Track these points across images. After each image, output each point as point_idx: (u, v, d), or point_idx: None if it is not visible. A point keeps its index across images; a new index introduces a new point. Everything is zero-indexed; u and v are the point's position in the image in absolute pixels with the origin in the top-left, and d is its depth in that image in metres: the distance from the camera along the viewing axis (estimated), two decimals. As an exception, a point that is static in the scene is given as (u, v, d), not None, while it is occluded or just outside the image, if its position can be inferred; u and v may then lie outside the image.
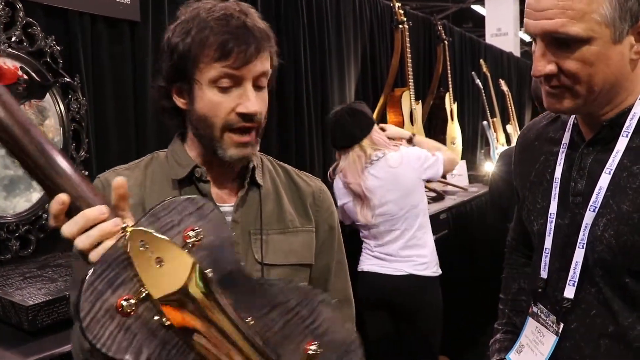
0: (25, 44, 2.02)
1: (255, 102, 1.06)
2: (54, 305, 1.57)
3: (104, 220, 0.80)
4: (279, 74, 3.46)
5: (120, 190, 0.84)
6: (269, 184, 1.20)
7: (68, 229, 0.81)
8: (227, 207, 1.14)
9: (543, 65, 1.01)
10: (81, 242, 0.80)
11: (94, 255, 0.79)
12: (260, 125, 1.11)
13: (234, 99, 1.05)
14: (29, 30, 2.03)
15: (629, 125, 1.06)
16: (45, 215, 2.08)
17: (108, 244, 0.78)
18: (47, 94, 2.09)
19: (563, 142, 1.19)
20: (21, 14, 2.00)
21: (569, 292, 1.11)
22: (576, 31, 0.95)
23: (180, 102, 1.10)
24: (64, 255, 1.94)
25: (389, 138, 2.69)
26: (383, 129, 2.71)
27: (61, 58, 2.13)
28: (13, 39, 1.98)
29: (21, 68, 1.99)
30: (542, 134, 1.27)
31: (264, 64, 1.07)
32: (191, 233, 0.79)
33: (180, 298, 0.76)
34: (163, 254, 0.77)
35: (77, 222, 0.80)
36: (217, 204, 1.11)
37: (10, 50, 1.96)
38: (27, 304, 1.53)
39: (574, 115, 1.19)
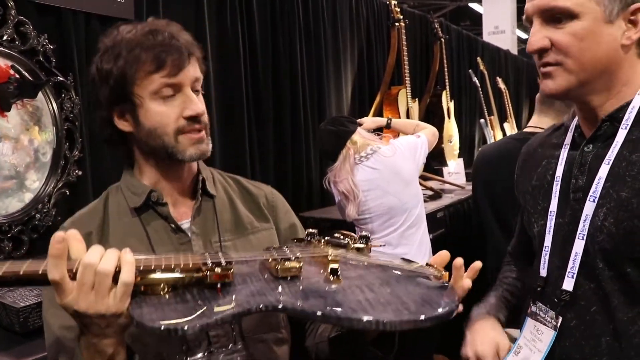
0: (17, 42, 2.00)
1: (198, 103, 1.11)
2: (46, 307, 1.55)
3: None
4: (275, 72, 3.47)
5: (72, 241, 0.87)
6: (222, 193, 1.24)
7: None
8: (187, 222, 1.17)
9: (537, 40, 1.06)
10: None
11: None
12: (207, 126, 1.15)
13: (178, 105, 1.09)
14: (21, 28, 2.01)
15: (628, 119, 1.08)
16: (38, 216, 2.07)
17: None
18: (40, 93, 2.08)
19: (565, 142, 1.20)
20: (13, 12, 1.98)
21: (568, 284, 1.10)
22: (565, 3, 1.02)
23: (123, 124, 1.12)
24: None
25: (369, 131, 2.71)
26: (359, 123, 2.72)
27: (54, 57, 2.11)
28: (5, 38, 1.96)
29: (13, 67, 1.98)
30: (546, 141, 1.30)
31: (196, 70, 1.13)
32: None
33: None
34: None
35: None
36: (178, 222, 1.15)
37: (2, 48, 1.94)
38: (18, 305, 1.52)
39: (576, 118, 1.20)
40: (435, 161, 4.59)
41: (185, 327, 0.80)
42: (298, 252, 1.00)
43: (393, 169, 2.56)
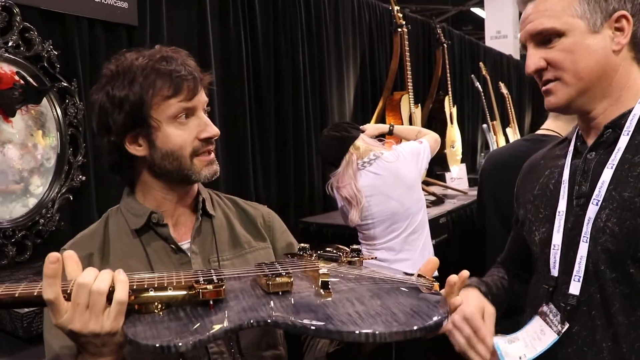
0: (22, 48, 2.01)
1: (213, 126, 1.16)
2: (50, 312, 1.56)
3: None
4: (278, 78, 3.49)
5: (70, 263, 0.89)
6: (220, 214, 1.27)
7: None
8: (186, 243, 1.19)
9: (533, 62, 1.15)
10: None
11: None
12: (215, 146, 1.20)
13: (193, 128, 1.13)
14: (26, 35, 2.03)
15: (630, 125, 1.11)
16: (42, 221, 2.07)
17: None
18: (44, 98, 2.09)
19: (568, 151, 1.24)
20: (18, 18, 1.99)
21: (575, 288, 1.11)
22: (552, 25, 1.11)
23: (135, 149, 1.14)
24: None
25: (371, 137, 2.71)
26: (362, 130, 2.73)
27: (58, 63, 2.13)
28: (10, 44, 1.97)
29: (18, 73, 1.99)
30: (548, 154, 1.34)
31: (204, 93, 1.17)
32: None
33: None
34: None
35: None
36: (178, 243, 1.17)
37: (7, 55, 1.96)
38: (22, 311, 1.52)
39: (578, 128, 1.23)
40: (437, 166, 4.59)
41: (180, 344, 0.81)
42: (289, 267, 1.02)
43: (396, 175, 2.56)
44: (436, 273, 2.90)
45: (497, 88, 6.38)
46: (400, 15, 4.08)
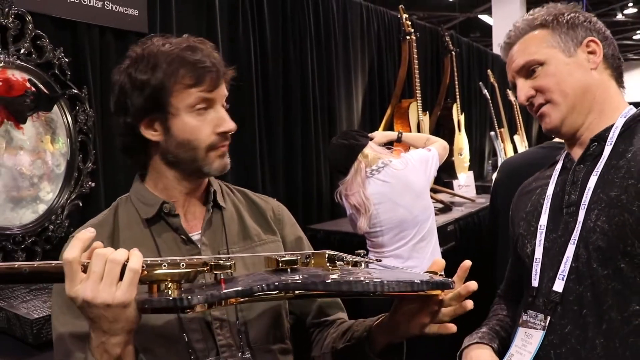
0: (34, 55, 2.03)
1: (231, 120, 1.16)
2: (59, 319, 1.56)
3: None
4: (286, 85, 3.49)
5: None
6: (230, 206, 1.27)
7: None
8: (197, 234, 1.19)
9: (524, 93, 1.28)
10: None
11: None
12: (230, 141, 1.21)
13: (211, 120, 1.14)
14: (38, 42, 2.05)
15: (612, 137, 1.23)
16: (51, 227, 2.08)
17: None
18: (55, 105, 2.10)
19: (556, 168, 1.34)
20: (30, 26, 2.01)
21: (558, 285, 1.18)
22: (533, 57, 1.27)
23: (150, 134, 1.14)
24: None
25: (380, 144, 2.72)
26: (371, 137, 2.73)
27: (69, 70, 2.14)
28: (22, 51, 1.99)
29: (29, 80, 2.00)
30: (540, 176, 1.43)
31: (225, 89, 1.18)
32: None
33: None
34: None
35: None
36: (189, 234, 1.17)
37: (19, 62, 1.97)
38: (31, 317, 1.53)
39: (565, 151, 1.34)
40: (445, 174, 4.58)
41: (192, 298, 0.84)
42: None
43: (404, 182, 2.56)
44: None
45: (505, 95, 6.37)
46: (409, 23, 4.09)
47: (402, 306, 1.07)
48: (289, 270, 0.97)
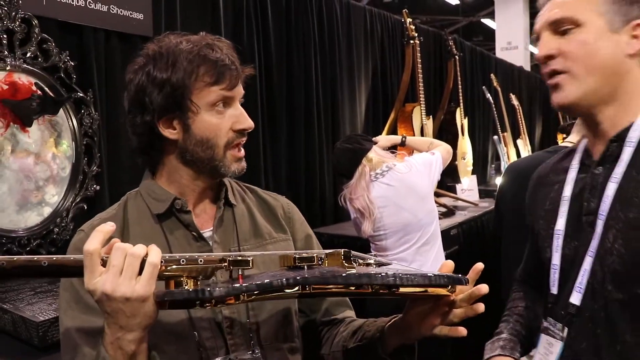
0: (40, 59, 2.04)
1: (249, 118, 1.16)
2: (65, 321, 1.57)
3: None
4: (290, 89, 3.49)
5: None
6: (241, 203, 1.27)
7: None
8: (208, 231, 1.18)
9: (547, 48, 1.12)
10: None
11: None
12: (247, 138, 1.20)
13: (229, 118, 1.13)
14: (44, 46, 2.06)
15: (632, 136, 1.11)
16: (56, 230, 2.09)
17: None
18: (61, 109, 2.11)
19: (572, 164, 1.23)
20: (37, 30, 2.02)
21: (575, 298, 1.13)
22: (572, 14, 1.10)
23: (168, 132, 1.13)
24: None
25: (383, 148, 2.72)
26: (375, 141, 2.74)
27: (75, 73, 2.15)
28: (28, 55, 2.00)
29: (35, 84, 2.01)
30: (557, 167, 1.32)
31: (242, 86, 1.18)
32: None
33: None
34: None
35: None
36: (200, 230, 1.16)
37: (25, 65, 1.99)
38: (37, 319, 1.53)
39: (584, 141, 1.23)
40: (448, 178, 4.58)
41: (213, 290, 0.85)
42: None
43: (408, 186, 2.56)
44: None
45: (508, 100, 6.38)
46: (413, 27, 4.09)
47: (414, 307, 1.07)
48: (305, 267, 0.98)
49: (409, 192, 2.56)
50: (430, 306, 1.04)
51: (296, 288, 0.90)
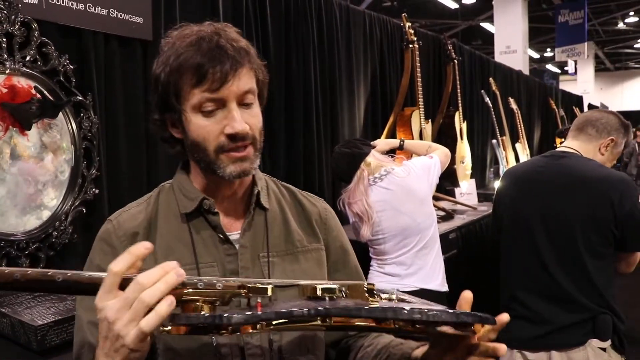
0: (39, 63, 2.04)
1: (240, 120, 1.03)
2: (63, 325, 1.57)
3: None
4: (289, 93, 3.48)
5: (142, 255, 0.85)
6: (275, 206, 1.20)
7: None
8: (236, 234, 1.14)
9: None
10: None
11: None
12: (256, 140, 1.09)
13: (219, 121, 1.04)
14: (44, 49, 2.06)
15: None
16: (55, 234, 2.09)
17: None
18: (60, 112, 2.11)
19: None
20: (36, 33, 2.02)
21: None
22: None
23: (174, 132, 1.11)
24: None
25: (382, 152, 2.73)
26: (373, 145, 2.75)
27: (74, 77, 2.15)
28: (28, 58, 2.00)
29: (35, 87, 2.02)
30: None
31: (245, 81, 1.05)
32: None
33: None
34: None
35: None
36: (227, 233, 1.12)
37: (24, 69, 1.99)
38: (36, 323, 1.53)
39: None
40: (447, 182, 4.59)
41: (231, 316, 0.81)
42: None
43: (407, 190, 2.57)
44: (446, 288, 2.93)
45: (507, 103, 6.39)
46: (412, 31, 4.11)
47: (438, 340, 1.02)
48: (326, 298, 0.93)
49: (407, 196, 2.56)
50: (454, 340, 0.98)
51: (318, 320, 0.86)
